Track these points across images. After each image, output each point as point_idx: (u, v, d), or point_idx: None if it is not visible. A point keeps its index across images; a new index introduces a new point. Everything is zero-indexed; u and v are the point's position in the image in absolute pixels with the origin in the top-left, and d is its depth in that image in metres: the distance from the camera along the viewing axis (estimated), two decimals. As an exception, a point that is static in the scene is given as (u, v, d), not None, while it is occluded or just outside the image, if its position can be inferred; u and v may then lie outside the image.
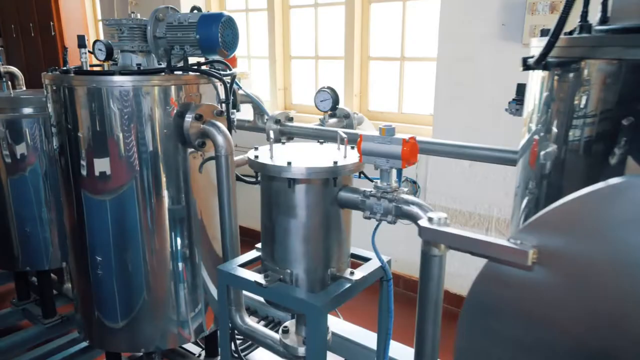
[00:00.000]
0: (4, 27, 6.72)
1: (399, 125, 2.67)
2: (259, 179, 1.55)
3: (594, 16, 0.89)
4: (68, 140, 1.92)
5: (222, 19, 1.87)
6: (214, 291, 2.16)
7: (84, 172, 1.92)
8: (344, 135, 1.58)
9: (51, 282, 2.81)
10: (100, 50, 1.85)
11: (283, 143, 1.71)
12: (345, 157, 1.50)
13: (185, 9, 4.34)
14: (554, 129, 0.87)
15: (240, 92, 2.33)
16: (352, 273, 1.55)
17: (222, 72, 1.99)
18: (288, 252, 1.51)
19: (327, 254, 1.52)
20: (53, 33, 6.09)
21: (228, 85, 1.98)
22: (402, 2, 3.63)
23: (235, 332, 2.08)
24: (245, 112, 2.40)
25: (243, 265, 1.67)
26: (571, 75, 0.82)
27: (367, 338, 2.09)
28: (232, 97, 2.06)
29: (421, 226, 0.97)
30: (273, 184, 1.50)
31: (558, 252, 0.67)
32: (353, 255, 1.68)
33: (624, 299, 0.62)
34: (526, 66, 0.89)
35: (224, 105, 1.99)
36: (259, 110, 2.53)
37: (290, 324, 1.76)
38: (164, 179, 1.97)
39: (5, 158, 2.55)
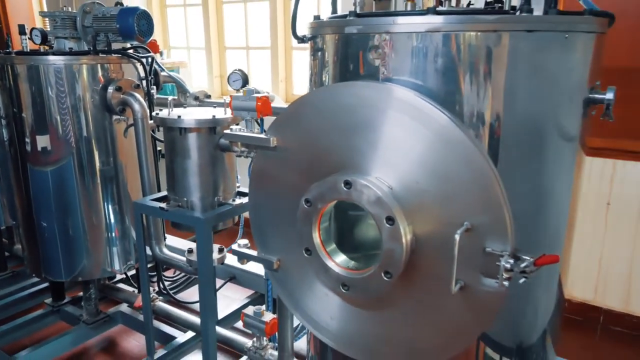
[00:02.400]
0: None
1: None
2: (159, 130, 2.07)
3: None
4: (12, 110, 2.38)
5: (137, 11, 2.36)
6: (140, 233, 2.65)
7: (27, 135, 2.38)
8: (226, 100, 2.11)
9: (1, 242, 3.23)
10: (36, 35, 2.32)
11: (184, 107, 2.22)
12: (225, 114, 2.03)
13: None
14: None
15: (164, 73, 2.82)
16: (234, 200, 2.09)
17: (141, 55, 2.49)
18: (184, 185, 2.04)
19: (214, 185, 2.06)
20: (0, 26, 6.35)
21: (147, 66, 2.48)
22: (315, -1, 4.18)
23: (163, 275, 2.60)
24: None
25: (153, 200, 2.18)
26: (325, 42, 1.36)
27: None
28: (152, 77, 2.56)
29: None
30: (170, 134, 2.02)
31: (285, 137, 1.23)
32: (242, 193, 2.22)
33: (312, 152, 1.17)
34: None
35: (144, 82, 2.49)
36: (182, 89, 3.02)
37: (194, 246, 2.29)
38: (93, 141, 2.45)
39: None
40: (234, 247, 1.50)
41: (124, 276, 2.96)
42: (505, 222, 1.00)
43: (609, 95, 1.22)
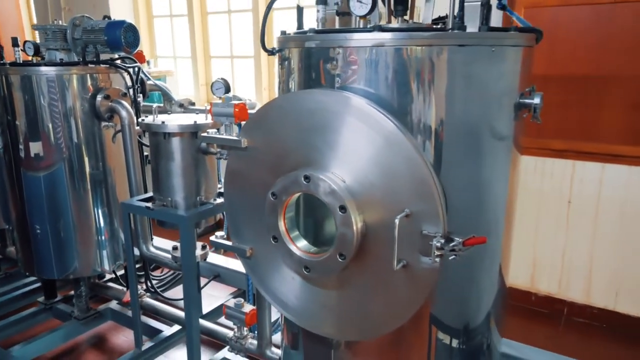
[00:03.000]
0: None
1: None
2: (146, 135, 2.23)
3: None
4: (7, 119, 2.52)
5: (124, 25, 2.52)
6: (128, 234, 2.80)
7: (21, 142, 2.52)
8: (208, 107, 2.27)
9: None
10: (29, 48, 2.48)
11: (169, 114, 2.39)
12: (206, 119, 2.19)
13: (114, 11, 4.91)
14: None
15: (150, 82, 2.98)
16: (215, 200, 2.25)
17: (128, 65, 2.65)
18: (168, 185, 2.20)
19: (196, 186, 2.22)
20: (-10, 37, 6.46)
21: (133, 75, 2.64)
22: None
23: (151, 274, 2.75)
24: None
25: (139, 200, 2.33)
26: (291, 53, 1.53)
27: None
28: (139, 85, 2.72)
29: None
30: (155, 138, 2.18)
31: (255, 137, 1.40)
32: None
33: (278, 152, 1.34)
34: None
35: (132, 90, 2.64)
36: (167, 97, 3.18)
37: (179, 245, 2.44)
38: (84, 148, 2.60)
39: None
40: (212, 238, 1.66)
41: (113, 276, 3.10)
42: (437, 209, 1.17)
43: (536, 100, 1.41)
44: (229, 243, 1.58)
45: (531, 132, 3.05)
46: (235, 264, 3.19)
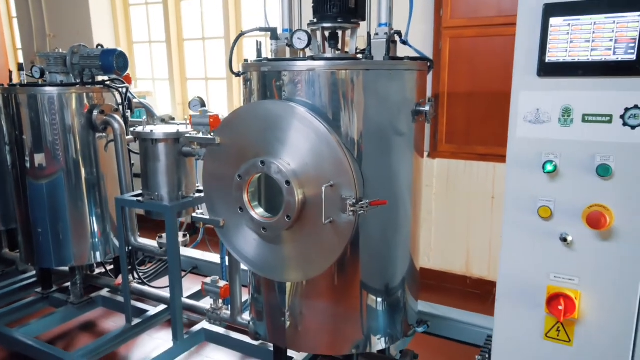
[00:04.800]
0: None
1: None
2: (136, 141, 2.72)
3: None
4: (15, 134, 2.98)
5: (116, 52, 3.03)
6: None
7: (27, 154, 2.98)
8: (187, 120, 2.78)
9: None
10: (36, 71, 2.95)
11: (155, 124, 2.89)
12: (186, 128, 2.71)
13: (97, 38, 5.38)
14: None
15: (135, 100, 3.48)
16: (195, 193, 2.75)
17: (118, 85, 3.14)
18: (155, 182, 2.69)
19: (178, 183, 2.71)
20: (-26, 60, 6.84)
21: (122, 94, 3.14)
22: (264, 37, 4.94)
23: (137, 265, 3.20)
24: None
25: (131, 196, 2.82)
26: (251, 75, 2.07)
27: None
28: (127, 102, 3.22)
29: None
30: (144, 144, 2.67)
31: (225, 136, 1.92)
32: (200, 190, 2.87)
33: (242, 146, 1.87)
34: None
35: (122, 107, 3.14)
36: (150, 113, 3.68)
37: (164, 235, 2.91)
38: (81, 156, 3.07)
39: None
40: (194, 214, 2.16)
41: (103, 270, 3.53)
42: (350, 180, 1.71)
43: (427, 108, 1.98)
44: (207, 217, 2.08)
45: (460, 140, 3.75)
46: (212, 257, 3.68)
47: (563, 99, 1.21)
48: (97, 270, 3.58)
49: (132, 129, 2.76)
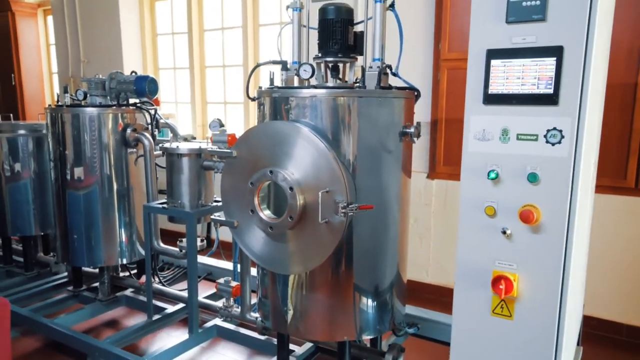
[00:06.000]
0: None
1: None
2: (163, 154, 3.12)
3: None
4: (59, 150, 3.41)
5: (148, 78, 3.46)
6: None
7: (68, 168, 3.40)
8: (210, 136, 3.18)
9: (31, 246, 4.15)
10: (80, 94, 3.39)
11: (179, 142, 3.29)
12: (207, 145, 3.09)
13: (126, 63, 5.88)
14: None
15: (162, 120, 3.90)
16: (213, 202, 3.12)
17: (149, 107, 3.57)
18: (178, 192, 3.07)
19: (198, 193, 3.09)
20: (13, 83, 7.44)
21: (152, 115, 3.56)
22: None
23: (158, 270, 3.56)
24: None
25: (157, 204, 3.20)
26: (264, 100, 2.45)
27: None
28: (155, 122, 3.64)
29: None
30: (171, 158, 3.07)
31: (241, 150, 2.30)
32: (217, 200, 3.24)
33: (255, 159, 2.23)
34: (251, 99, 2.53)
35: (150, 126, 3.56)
36: (174, 132, 4.10)
37: (184, 240, 3.28)
38: (114, 169, 3.48)
39: (4, 166, 3.93)
40: (212, 217, 2.52)
41: (127, 273, 3.90)
42: (343, 187, 2.06)
43: (412, 130, 2.33)
44: (223, 218, 2.44)
45: (457, 161, 4.07)
46: (224, 264, 4.03)
47: (502, 122, 1.56)
48: (122, 274, 3.94)
49: (159, 145, 3.16)
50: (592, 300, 3.29)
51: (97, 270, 3.79)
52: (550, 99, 1.47)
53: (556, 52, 1.44)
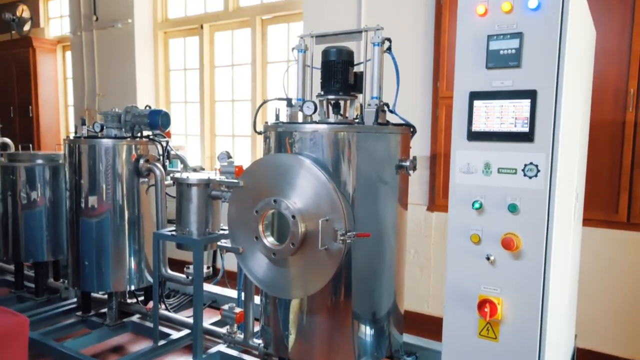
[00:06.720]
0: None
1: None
2: (173, 184, 3.29)
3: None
4: (75, 179, 3.59)
5: (161, 112, 3.67)
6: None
7: (82, 196, 3.57)
8: (218, 168, 3.35)
9: (41, 272, 4.28)
10: (97, 126, 3.60)
11: (188, 172, 3.46)
12: (215, 176, 3.26)
13: (140, 97, 6.14)
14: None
15: (173, 152, 4.09)
16: (219, 230, 3.27)
17: (160, 139, 3.77)
18: (187, 220, 3.22)
19: (206, 221, 3.24)
20: (30, 115, 7.74)
21: (164, 146, 3.75)
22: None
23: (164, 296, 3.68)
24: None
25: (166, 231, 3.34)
26: (270, 134, 2.62)
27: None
28: (166, 153, 3.83)
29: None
30: (181, 188, 3.23)
31: (247, 180, 2.45)
32: (223, 229, 3.38)
33: (260, 188, 2.38)
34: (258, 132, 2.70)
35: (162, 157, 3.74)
36: (184, 163, 4.29)
37: (191, 267, 3.40)
38: (126, 198, 3.65)
39: (21, 194, 4.11)
40: (219, 243, 2.66)
41: (134, 300, 4.01)
42: (341, 216, 2.20)
43: (407, 163, 2.49)
44: (229, 245, 2.58)
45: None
46: (229, 292, 4.14)
47: (485, 157, 1.71)
48: (130, 300, 4.05)
49: (170, 175, 3.33)
50: (586, 333, 3.35)
51: (105, 296, 3.90)
52: (526, 137, 1.62)
53: (530, 94, 1.60)
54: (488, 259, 1.70)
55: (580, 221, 2.60)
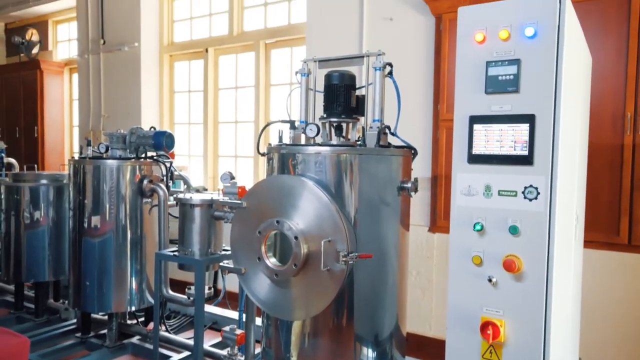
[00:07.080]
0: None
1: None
2: (177, 205, 3.31)
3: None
4: (79, 199, 3.62)
5: (165, 134, 3.72)
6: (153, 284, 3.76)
7: (86, 216, 3.60)
8: (221, 188, 3.38)
9: (43, 292, 4.27)
10: (102, 147, 3.65)
11: (191, 192, 3.49)
12: (218, 196, 3.29)
13: (144, 118, 6.20)
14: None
15: (176, 173, 4.13)
16: (221, 251, 3.27)
17: (164, 160, 3.81)
18: (189, 240, 3.23)
19: (208, 241, 3.25)
20: (36, 135, 7.82)
21: (167, 167, 3.79)
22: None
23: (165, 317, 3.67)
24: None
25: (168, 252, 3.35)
26: (273, 155, 2.65)
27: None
28: (170, 174, 3.86)
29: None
30: (184, 208, 3.25)
31: (250, 201, 2.47)
32: (226, 249, 3.40)
33: (263, 209, 2.40)
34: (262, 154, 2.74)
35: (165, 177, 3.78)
36: (187, 183, 4.33)
37: (193, 288, 3.40)
38: (129, 218, 3.67)
39: (24, 213, 4.14)
40: (220, 264, 2.67)
41: (134, 321, 3.99)
42: (344, 237, 2.22)
43: (408, 184, 2.52)
44: (232, 266, 2.59)
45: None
46: (229, 313, 4.12)
47: (485, 179, 1.73)
48: (130, 321, 4.04)
49: (174, 196, 3.36)
50: (589, 355, 3.32)
51: (105, 317, 3.89)
52: (526, 160, 1.65)
53: (529, 119, 1.64)
54: (490, 280, 1.71)
55: (582, 243, 2.61)
